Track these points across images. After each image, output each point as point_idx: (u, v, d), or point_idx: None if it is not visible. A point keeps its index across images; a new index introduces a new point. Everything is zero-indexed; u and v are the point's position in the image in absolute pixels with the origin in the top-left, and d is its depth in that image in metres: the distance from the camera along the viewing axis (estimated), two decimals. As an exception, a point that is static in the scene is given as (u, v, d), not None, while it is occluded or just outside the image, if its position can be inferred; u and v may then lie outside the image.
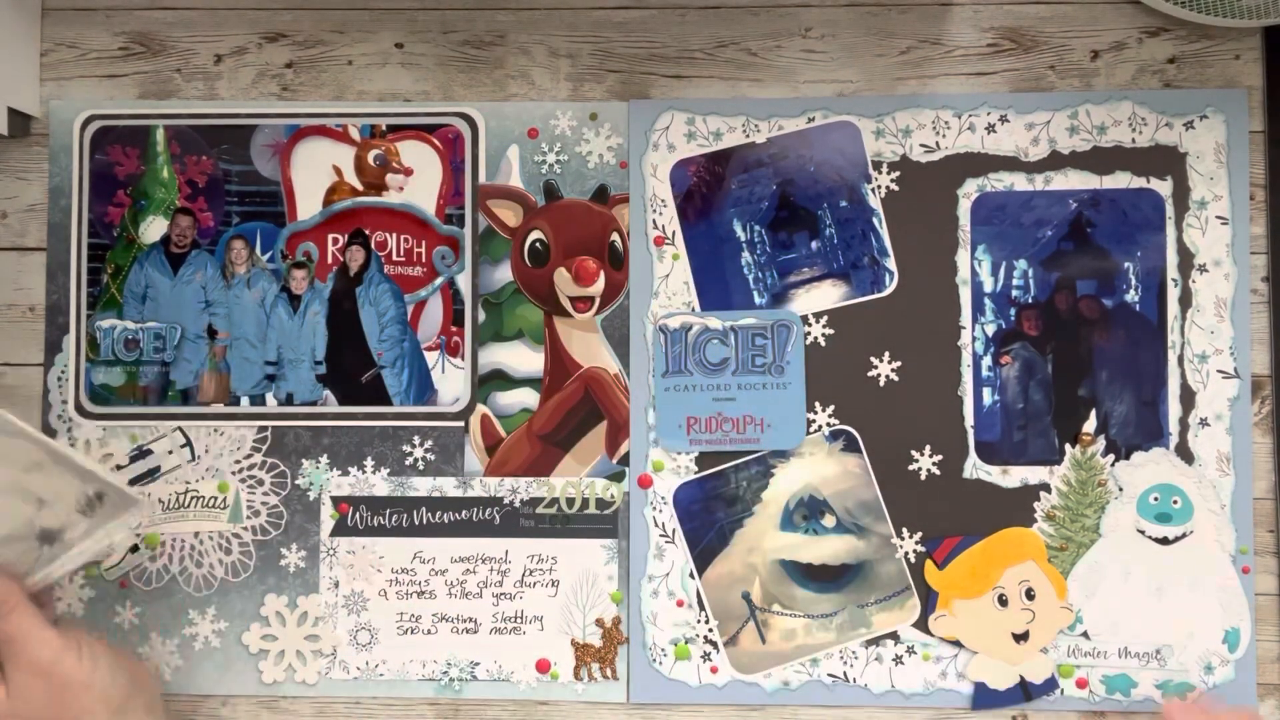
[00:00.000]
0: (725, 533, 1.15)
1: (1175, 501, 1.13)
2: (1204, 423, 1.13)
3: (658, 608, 1.15)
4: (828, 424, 1.15)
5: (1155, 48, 1.16)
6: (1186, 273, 1.14)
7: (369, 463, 1.17)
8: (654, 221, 1.16)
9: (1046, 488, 1.14)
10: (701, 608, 1.15)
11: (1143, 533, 1.13)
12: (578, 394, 1.17)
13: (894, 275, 1.15)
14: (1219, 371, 1.13)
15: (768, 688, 1.14)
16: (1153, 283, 1.14)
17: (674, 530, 1.15)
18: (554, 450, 1.17)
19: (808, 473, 1.15)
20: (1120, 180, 1.14)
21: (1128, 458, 1.14)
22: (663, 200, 1.16)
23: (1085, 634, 1.14)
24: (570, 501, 1.16)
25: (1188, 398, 1.14)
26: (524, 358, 1.17)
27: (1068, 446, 1.14)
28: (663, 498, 1.15)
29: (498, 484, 1.17)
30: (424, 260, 1.18)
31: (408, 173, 1.18)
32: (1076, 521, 1.14)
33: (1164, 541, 1.13)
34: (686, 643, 1.15)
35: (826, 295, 1.15)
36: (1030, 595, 1.13)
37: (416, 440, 1.17)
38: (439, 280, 1.17)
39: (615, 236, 1.17)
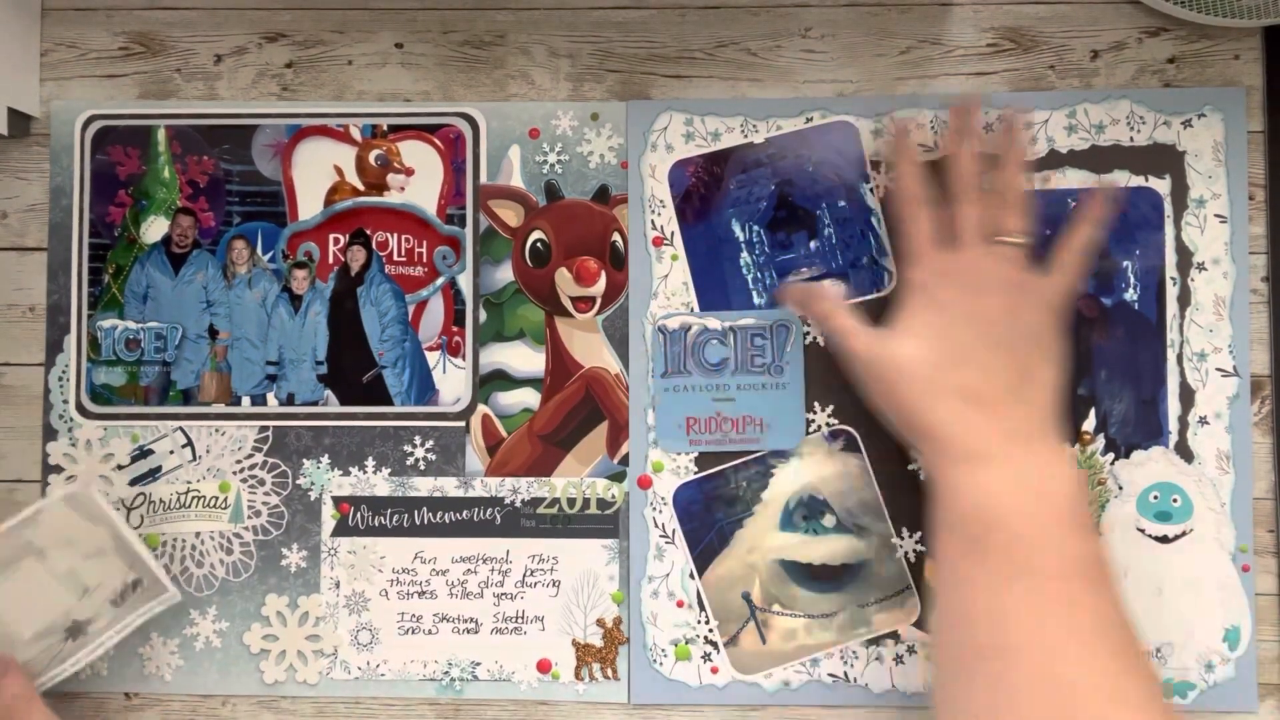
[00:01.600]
0: (725, 533, 1.15)
1: (1175, 500, 1.13)
2: (1203, 421, 1.13)
3: (658, 608, 1.15)
4: (827, 424, 1.15)
5: (1155, 48, 1.16)
6: (1185, 271, 1.14)
7: (370, 463, 1.17)
8: (652, 222, 1.17)
9: (1047, 487, 1.14)
10: (702, 608, 1.15)
11: (1142, 531, 1.13)
12: (579, 394, 1.17)
13: (893, 275, 1.15)
14: (1218, 370, 1.13)
15: (768, 688, 1.15)
16: (1151, 281, 1.14)
17: (674, 531, 1.15)
18: (555, 450, 1.17)
19: (807, 473, 1.15)
20: (1119, 179, 1.14)
21: (1127, 456, 1.14)
22: (661, 201, 1.16)
23: (1085, 633, 1.13)
24: (571, 502, 1.16)
25: (1187, 396, 1.14)
26: (525, 358, 1.17)
27: (1067, 445, 1.14)
28: (662, 498, 1.15)
29: (499, 484, 1.17)
30: (425, 260, 1.18)
31: (409, 173, 1.18)
32: (1076, 520, 1.13)
33: (1164, 540, 1.13)
34: (687, 643, 1.15)
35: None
36: (1030, 594, 1.13)
37: (418, 440, 1.17)
38: (440, 280, 1.18)
39: (617, 236, 1.17)
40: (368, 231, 1.18)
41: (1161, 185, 1.14)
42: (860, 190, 1.16)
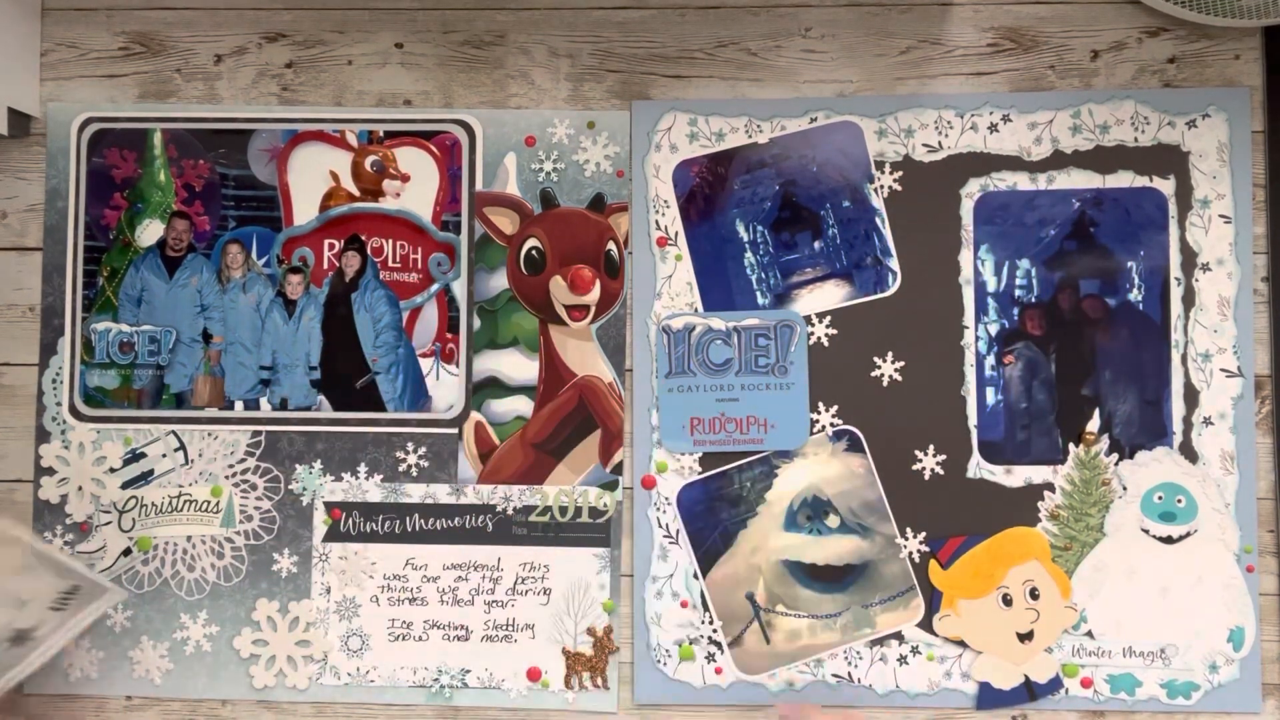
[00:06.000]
0: (729, 533, 1.15)
1: (1179, 500, 1.13)
2: (1208, 421, 1.13)
3: (661, 609, 1.15)
4: (831, 424, 1.15)
5: (1155, 48, 1.16)
6: (1189, 271, 1.14)
7: (362, 469, 1.17)
8: (656, 222, 1.16)
9: (1050, 487, 1.14)
10: (705, 608, 1.15)
11: (1147, 532, 1.13)
12: (572, 402, 1.16)
13: (897, 275, 1.15)
14: (1222, 370, 1.13)
15: (772, 688, 1.14)
16: (1156, 282, 1.14)
17: (678, 531, 1.15)
18: (547, 458, 1.16)
19: (811, 473, 1.15)
20: (1123, 179, 1.14)
21: (1131, 457, 1.14)
22: (665, 201, 1.16)
23: (1090, 633, 1.14)
24: (563, 510, 1.16)
25: (1191, 396, 1.14)
26: (519, 365, 1.17)
27: (1071, 446, 1.14)
28: (666, 499, 1.15)
29: (491, 491, 1.16)
30: (420, 267, 1.17)
31: (405, 179, 1.18)
32: (1080, 521, 1.14)
33: (1168, 541, 1.13)
34: (691, 644, 1.14)
35: (829, 295, 1.15)
36: (1034, 595, 1.13)
37: (410, 447, 1.17)
38: (434, 287, 1.17)
39: (611, 245, 1.16)
40: (363, 237, 1.18)
41: (1166, 186, 1.14)
42: (864, 190, 1.16)
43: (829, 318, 1.15)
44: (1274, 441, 1.14)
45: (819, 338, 1.15)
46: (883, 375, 1.15)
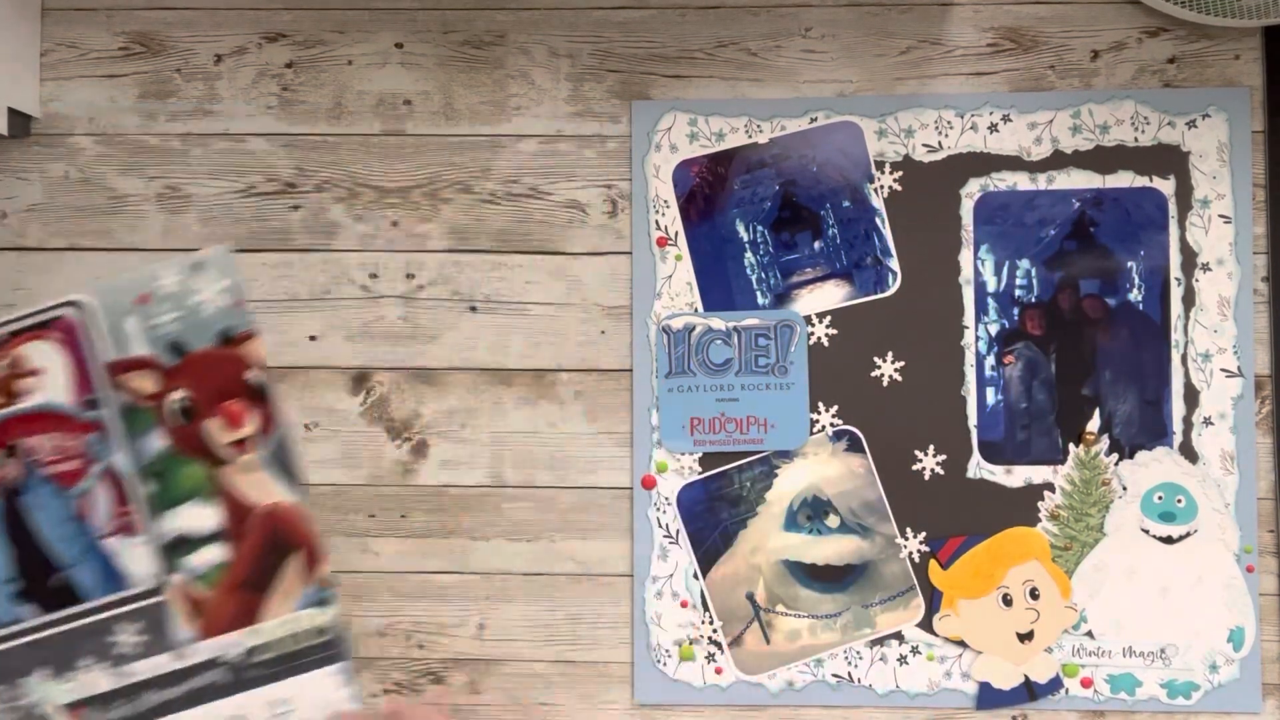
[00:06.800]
0: (729, 533, 1.15)
1: (1179, 500, 1.13)
2: (1208, 422, 1.14)
3: (661, 609, 1.15)
4: (831, 424, 1.15)
5: (1155, 48, 1.16)
6: (1190, 271, 1.14)
7: (85, 663, 1.14)
8: (656, 222, 1.16)
9: (1050, 487, 1.14)
10: (706, 608, 1.15)
11: (1147, 532, 1.14)
12: (264, 533, 1.14)
13: (897, 275, 1.15)
14: (1222, 370, 1.13)
15: (772, 688, 1.14)
16: (1156, 282, 1.14)
17: (678, 531, 1.15)
18: (256, 595, 1.14)
19: (811, 473, 1.15)
20: (1123, 179, 1.15)
21: (1131, 457, 1.14)
22: (665, 201, 1.16)
23: (1089, 633, 1.14)
24: (290, 638, 1.14)
25: (1191, 397, 1.14)
26: (201, 516, 1.14)
27: (1071, 446, 1.14)
28: (666, 499, 1.15)
29: (213, 645, 1.14)
30: (77, 452, 1.15)
31: (35, 374, 1.15)
32: (1080, 521, 1.14)
33: (1168, 541, 1.13)
34: (691, 643, 1.14)
35: (829, 295, 1.15)
36: (1035, 595, 1.13)
37: (123, 627, 1.14)
38: (97, 468, 1.14)
39: (251, 373, 1.14)
40: (14, 442, 1.15)
41: (1166, 186, 1.15)
42: (864, 190, 1.16)
43: (829, 318, 1.15)
44: (1274, 441, 1.15)
45: (819, 338, 1.15)
46: (883, 375, 1.15)
